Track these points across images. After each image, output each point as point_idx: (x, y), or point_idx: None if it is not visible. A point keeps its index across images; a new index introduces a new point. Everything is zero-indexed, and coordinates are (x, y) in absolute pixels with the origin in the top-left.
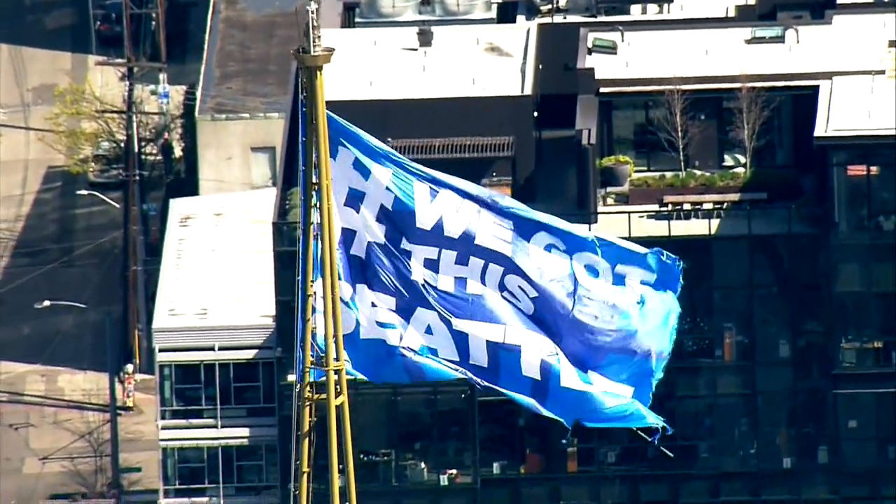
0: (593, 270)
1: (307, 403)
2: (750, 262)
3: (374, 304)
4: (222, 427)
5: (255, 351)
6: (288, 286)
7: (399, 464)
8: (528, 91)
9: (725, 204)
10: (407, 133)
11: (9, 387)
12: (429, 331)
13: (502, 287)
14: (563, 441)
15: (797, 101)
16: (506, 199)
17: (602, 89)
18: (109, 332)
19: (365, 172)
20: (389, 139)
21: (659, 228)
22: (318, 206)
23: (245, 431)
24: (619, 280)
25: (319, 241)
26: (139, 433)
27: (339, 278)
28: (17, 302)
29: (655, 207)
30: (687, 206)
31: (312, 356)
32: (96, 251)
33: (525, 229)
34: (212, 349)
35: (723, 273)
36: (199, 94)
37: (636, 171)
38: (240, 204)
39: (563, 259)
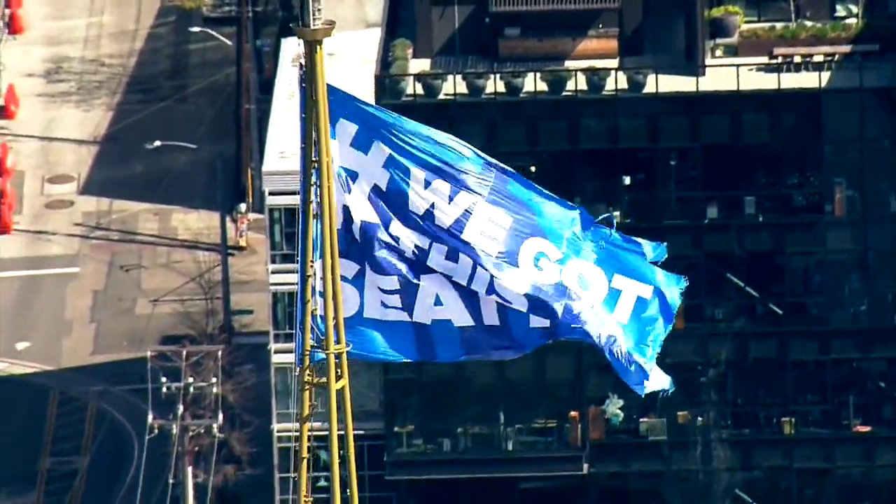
0: (584, 283)
1: (307, 387)
2: (861, 116)
3: (380, 289)
4: None
5: None
6: None
7: None
8: None
9: (836, 56)
10: None
11: (122, 226)
12: (438, 301)
13: (490, 291)
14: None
15: None
16: (511, 184)
17: None
18: (221, 171)
19: (363, 149)
20: None
21: (768, 81)
22: (317, 184)
23: None
24: (613, 295)
25: (319, 221)
26: (252, 274)
27: (342, 257)
28: (129, 139)
29: (765, 60)
30: (797, 59)
31: (313, 339)
32: (209, 88)
33: (518, 233)
34: None
35: (833, 127)
36: None
37: (746, 22)
38: (352, 44)
39: (553, 269)
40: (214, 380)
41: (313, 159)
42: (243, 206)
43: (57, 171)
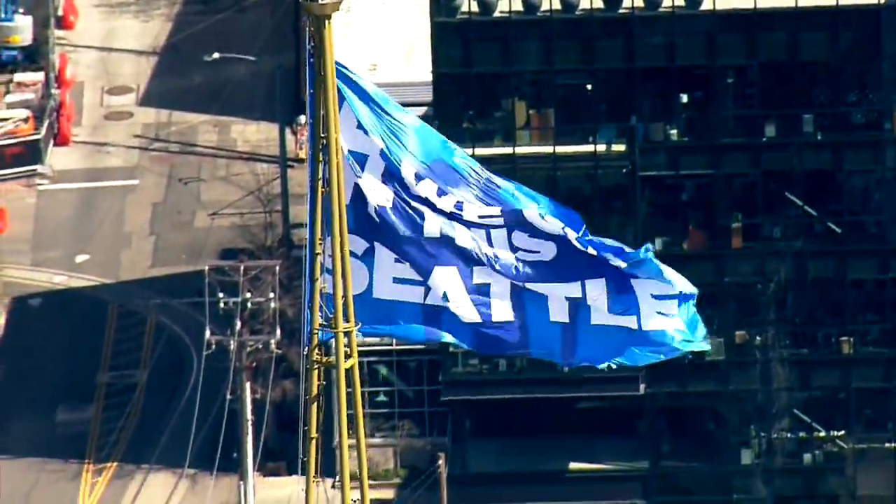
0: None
1: (315, 366)
2: None
3: (396, 260)
4: None
5: (425, 108)
6: (445, 61)
7: None
8: None
9: None
10: None
11: (181, 137)
12: (445, 297)
13: (513, 248)
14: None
15: None
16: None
17: None
18: (280, 82)
19: (368, 132)
20: None
21: None
22: (326, 161)
23: None
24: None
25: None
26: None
27: (352, 233)
28: (188, 50)
29: None
30: None
31: (322, 317)
32: None
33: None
34: None
35: (893, 43)
36: None
37: None
38: None
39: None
40: (272, 294)
41: (321, 136)
42: (302, 118)
43: (116, 83)
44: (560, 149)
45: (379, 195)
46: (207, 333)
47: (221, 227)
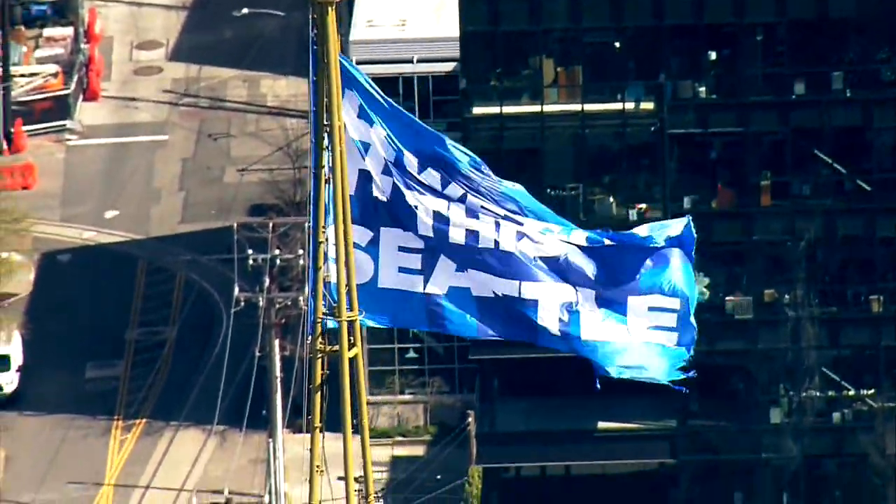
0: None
1: (319, 356)
2: None
3: (400, 248)
4: None
5: (454, 64)
6: (472, 19)
7: (587, 198)
8: None
9: None
10: None
11: (210, 92)
12: (457, 271)
13: (519, 235)
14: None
15: None
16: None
17: None
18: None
19: (369, 121)
20: None
21: None
22: (329, 148)
23: None
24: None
25: (331, 186)
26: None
27: (356, 223)
28: (218, 4)
29: None
30: None
31: (325, 306)
32: None
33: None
34: (410, 62)
35: None
36: None
37: None
38: None
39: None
40: (301, 251)
41: (325, 123)
42: None
43: (145, 37)
44: (588, 107)
45: (384, 182)
46: (236, 290)
47: (251, 182)
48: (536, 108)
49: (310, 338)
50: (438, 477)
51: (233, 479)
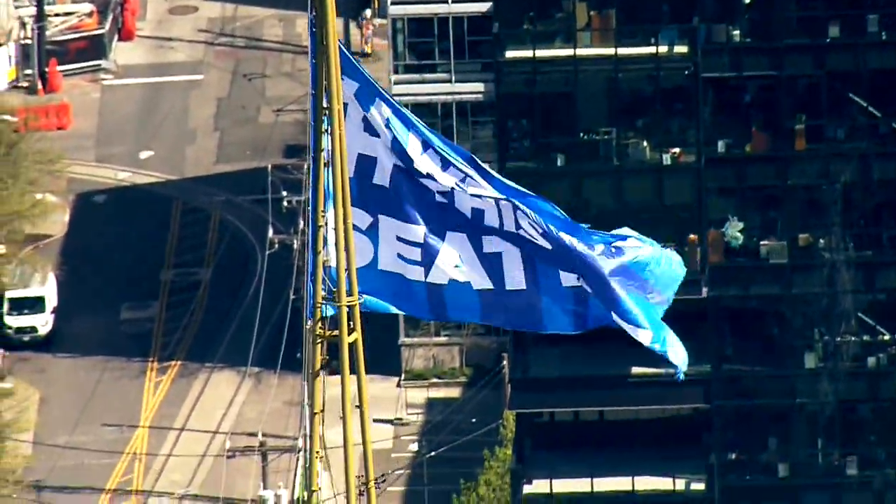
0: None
1: (319, 341)
2: None
3: (399, 238)
4: (456, 82)
5: (489, 4)
6: None
7: (620, 142)
8: None
9: None
10: None
11: (246, 32)
12: (457, 265)
13: (517, 224)
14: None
15: None
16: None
17: None
18: None
19: (366, 106)
20: None
21: None
22: (328, 131)
23: (479, 87)
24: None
25: (331, 170)
26: (377, 81)
27: (355, 206)
28: None
29: None
30: None
31: (324, 290)
32: None
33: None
34: (445, 2)
35: None
36: None
37: None
38: None
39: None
40: None
41: (324, 106)
42: (368, 12)
43: None
44: (621, 50)
45: (385, 166)
46: (270, 232)
47: (286, 123)
48: (569, 52)
49: (309, 322)
50: (473, 420)
51: (267, 422)
